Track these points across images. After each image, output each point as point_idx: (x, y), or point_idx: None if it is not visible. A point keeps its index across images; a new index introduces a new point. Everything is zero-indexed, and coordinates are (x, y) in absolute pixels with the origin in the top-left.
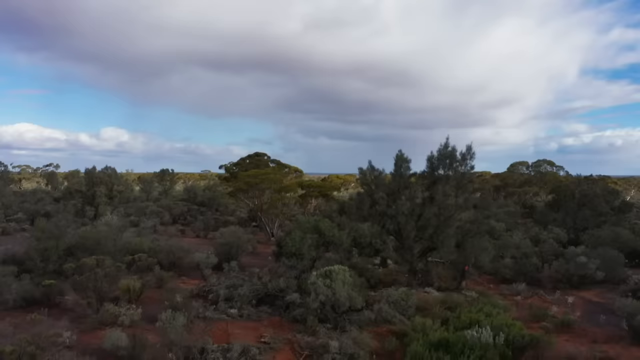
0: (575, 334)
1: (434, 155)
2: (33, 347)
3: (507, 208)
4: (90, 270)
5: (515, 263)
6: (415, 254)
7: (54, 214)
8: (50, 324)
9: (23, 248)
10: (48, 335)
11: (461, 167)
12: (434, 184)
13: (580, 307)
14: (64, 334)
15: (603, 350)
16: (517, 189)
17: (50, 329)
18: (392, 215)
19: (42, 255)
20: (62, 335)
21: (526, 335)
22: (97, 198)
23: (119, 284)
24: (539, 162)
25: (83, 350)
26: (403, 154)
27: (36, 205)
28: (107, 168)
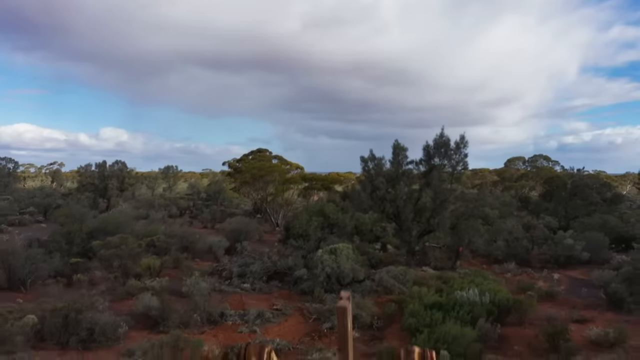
0: (557, 302)
1: (430, 145)
2: (78, 305)
3: (503, 199)
4: (116, 248)
5: (506, 246)
6: (414, 235)
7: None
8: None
9: (45, 234)
10: (90, 296)
11: (455, 156)
12: (431, 171)
13: (564, 282)
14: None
15: (580, 314)
16: (513, 184)
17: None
18: (392, 199)
19: (66, 238)
20: (97, 300)
21: (510, 299)
22: (109, 191)
23: (140, 262)
24: (535, 157)
25: (116, 313)
26: (400, 143)
27: (46, 200)
28: (117, 162)
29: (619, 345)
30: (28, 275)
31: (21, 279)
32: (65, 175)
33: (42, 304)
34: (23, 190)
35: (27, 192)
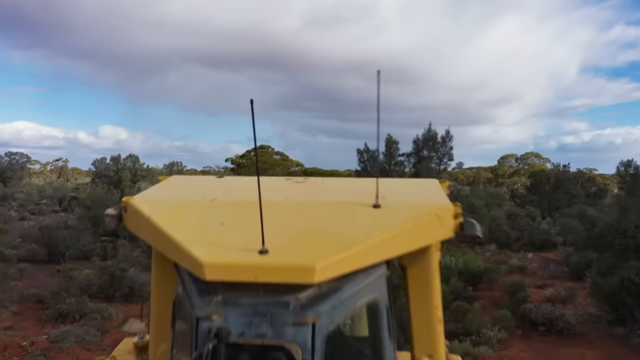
0: (526, 274)
1: (419, 138)
2: (122, 265)
3: (490, 192)
4: None
5: (489, 231)
6: None
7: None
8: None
9: (66, 221)
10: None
11: (442, 149)
12: (420, 162)
13: (537, 260)
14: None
15: (544, 282)
16: (506, 180)
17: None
18: None
19: (93, 220)
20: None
21: (482, 267)
22: (122, 182)
23: None
24: (527, 154)
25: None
26: (392, 137)
27: (56, 193)
28: (130, 156)
29: (568, 302)
30: (66, 250)
31: (61, 253)
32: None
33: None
34: (31, 185)
35: (37, 187)
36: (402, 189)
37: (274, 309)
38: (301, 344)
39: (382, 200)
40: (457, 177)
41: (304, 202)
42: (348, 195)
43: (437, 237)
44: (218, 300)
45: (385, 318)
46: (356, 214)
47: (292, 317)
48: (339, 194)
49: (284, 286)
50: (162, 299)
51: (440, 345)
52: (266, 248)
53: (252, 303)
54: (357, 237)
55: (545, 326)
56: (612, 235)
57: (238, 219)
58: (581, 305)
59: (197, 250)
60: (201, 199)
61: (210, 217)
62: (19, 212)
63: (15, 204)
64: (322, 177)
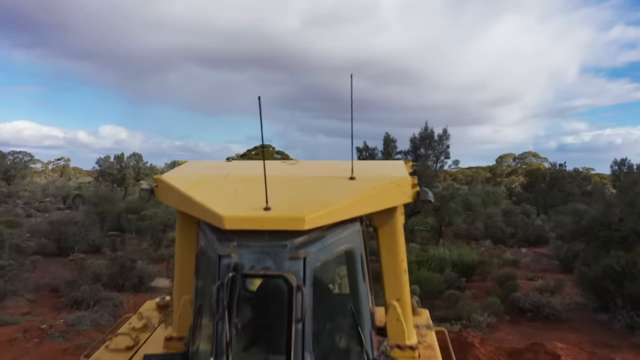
0: (519, 267)
1: (416, 137)
2: (132, 256)
3: (487, 190)
4: (150, 220)
5: (485, 227)
6: None
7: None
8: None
9: (71, 217)
10: (136, 251)
11: (439, 147)
12: (417, 159)
13: (530, 255)
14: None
15: (535, 274)
16: (504, 179)
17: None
18: None
19: (99, 216)
20: (141, 257)
21: (475, 259)
22: (126, 180)
23: (166, 234)
24: (525, 154)
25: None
26: (390, 136)
27: (60, 191)
28: (134, 154)
29: (557, 292)
30: (75, 244)
31: (70, 247)
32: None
33: (101, 258)
34: (34, 184)
35: (40, 185)
36: (374, 167)
37: (276, 249)
38: (295, 273)
39: (357, 174)
40: (456, 176)
41: (296, 176)
42: (330, 172)
43: (399, 201)
44: (234, 244)
45: (359, 264)
46: (336, 184)
47: (289, 254)
48: (324, 171)
49: (283, 233)
50: (185, 256)
51: (406, 291)
52: (269, 206)
53: (259, 245)
54: (336, 199)
55: (533, 312)
56: (598, 228)
57: (246, 188)
58: (569, 295)
59: (218, 208)
60: (216, 175)
61: (224, 187)
62: (25, 210)
63: (20, 201)
64: (310, 160)
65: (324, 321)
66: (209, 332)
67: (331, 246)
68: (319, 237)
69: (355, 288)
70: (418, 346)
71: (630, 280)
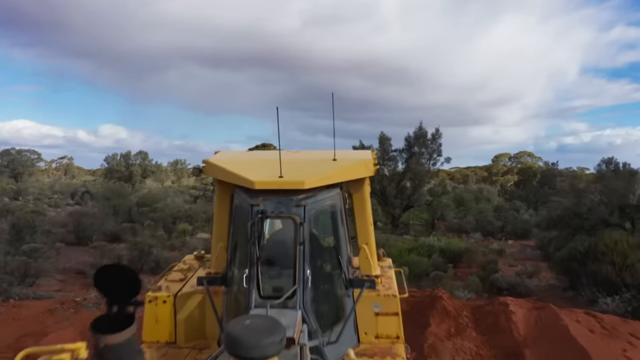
0: (504, 256)
1: (410, 136)
2: (150, 242)
3: (482, 187)
4: (162, 212)
5: (475, 221)
6: (397, 209)
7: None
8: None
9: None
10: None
11: (432, 145)
12: (411, 157)
13: (516, 246)
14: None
15: (518, 262)
16: (499, 178)
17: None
18: (379, 180)
19: (113, 209)
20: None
21: (462, 247)
22: (133, 177)
23: (176, 227)
24: (520, 153)
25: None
26: (385, 135)
27: (67, 189)
28: (140, 152)
29: (534, 276)
30: (92, 233)
31: (88, 237)
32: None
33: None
34: (40, 182)
35: (47, 182)
36: (350, 153)
37: (287, 201)
38: (299, 215)
39: (337, 157)
40: (454, 175)
41: (298, 158)
42: (320, 156)
43: (364, 174)
44: (261, 198)
45: (339, 214)
46: (324, 163)
47: (295, 204)
48: (316, 156)
49: (291, 191)
50: (221, 214)
51: (372, 238)
52: (282, 175)
53: (276, 199)
54: (323, 171)
55: (509, 291)
56: (570, 217)
57: (265, 165)
58: (545, 278)
59: (249, 176)
60: (243, 157)
61: (251, 164)
62: (37, 205)
63: (30, 197)
64: (308, 150)
65: (316, 248)
66: (242, 259)
67: (321, 201)
68: (313, 194)
69: (336, 229)
70: (380, 276)
71: (592, 260)
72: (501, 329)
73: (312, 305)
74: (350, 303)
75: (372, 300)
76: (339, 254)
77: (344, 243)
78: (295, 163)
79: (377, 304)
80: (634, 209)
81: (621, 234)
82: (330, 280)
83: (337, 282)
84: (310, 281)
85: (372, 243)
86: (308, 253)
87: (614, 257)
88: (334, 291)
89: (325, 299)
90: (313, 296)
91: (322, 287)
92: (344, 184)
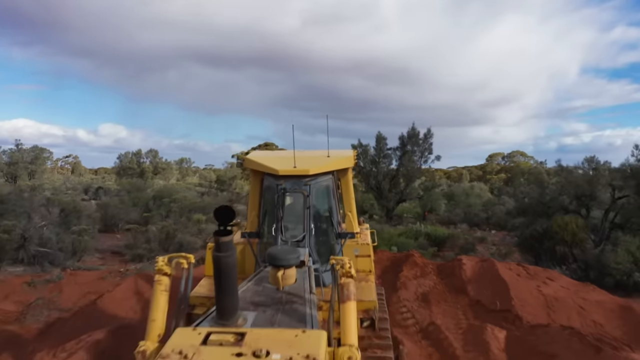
0: (485, 243)
1: (404, 135)
2: (175, 226)
3: (473, 184)
4: (180, 202)
5: (464, 213)
6: (391, 202)
7: (129, 179)
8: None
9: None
10: (176, 222)
11: (423, 144)
12: (404, 155)
13: (498, 235)
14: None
15: (497, 248)
16: (493, 176)
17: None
18: (374, 175)
19: (133, 201)
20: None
21: (446, 233)
22: (145, 173)
23: (193, 215)
24: (513, 153)
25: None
26: (381, 134)
27: (80, 185)
28: (151, 151)
29: (507, 257)
30: (118, 221)
31: (115, 224)
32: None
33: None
34: (50, 179)
35: (59, 180)
36: (339, 152)
37: (298, 182)
38: (306, 190)
39: (330, 155)
40: (450, 174)
41: (304, 155)
42: (319, 154)
43: (348, 165)
44: (282, 180)
45: (331, 191)
46: (321, 158)
47: (303, 183)
48: (316, 154)
49: (301, 176)
50: (254, 192)
51: (354, 209)
52: (295, 166)
53: (292, 180)
54: (321, 163)
55: None
56: (535, 205)
57: (283, 160)
58: (516, 258)
59: (275, 166)
60: (268, 155)
61: (274, 160)
62: (71, 196)
63: (47, 193)
64: (310, 149)
65: (317, 212)
66: (269, 220)
67: (320, 182)
68: (314, 178)
69: (330, 201)
70: (359, 233)
71: (548, 239)
72: (454, 274)
73: (315, 247)
74: (339, 248)
75: (353, 247)
76: (331, 217)
77: (335, 210)
78: (303, 158)
79: (357, 249)
80: (588, 198)
81: (572, 217)
82: (326, 233)
83: (330, 234)
84: (313, 232)
85: (354, 211)
86: (311, 215)
87: (564, 235)
88: (328, 239)
89: (322, 243)
90: (315, 241)
91: (321, 236)
92: (335, 172)
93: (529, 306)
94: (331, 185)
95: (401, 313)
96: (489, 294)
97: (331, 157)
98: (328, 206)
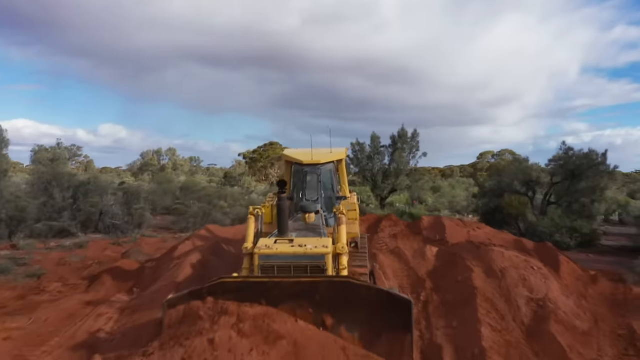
0: None
1: (395, 135)
2: (206, 209)
3: (460, 179)
4: (205, 190)
5: (449, 203)
6: (384, 192)
7: (158, 174)
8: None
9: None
10: (209, 204)
11: (411, 142)
12: (395, 152)
13: (476, 219)
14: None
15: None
16: (483, 173)
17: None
18: (370, 169)
19: (163, 192)
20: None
21: (427, 214)
22: (165, 170)
23: (215, 202)
24: (502, 151)
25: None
26: (376, 134)
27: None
28: (170, 149)
29: None
30: (156, 207)
31: (154, 209)
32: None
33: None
34: None
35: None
36: (337, 150)
37: (314, 167)
38: (319, 173)
39: (332, 151)
40: (445, 172)
41: (317, 151)
42: (325, 151)
43: (343, 157)
44: (306, 166)
45: (333, 174)
46: (326, 153)
47: (317, 168)
48: (323, 150)
49: (316, 164)
50: (287, 173)
51: (346, 183)
52: (312, 158)
53: (311, 166)
54: (327, 156)
55: None
56: (495, 188)
57: (305, 154)
58: None
59: (301, 159)
60: (296, 151)
61: (299, 154)
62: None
63: None
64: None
65: (324, 186)
66: (297, 191)
67: (326, 167)
68: (323, 165)
69: (332, 179)
70: (349, 198)
71: (499, 213)
72: (416, 225)
73: (324, 204)
74: (337, 204)
75: (346, 204)
76: (333, 187)
77: (335, 185)
78: (316, 154)
79: (348, 206)
80: (534, 183)
81: (517, 197)
82: (330, 196)
83: (332, 197)
84: (323, 196)
85: (346, 184)
86: (322, 187)
87: (510, 210)
88: (331, 200)
89: (328, 203)
90: (323, 202)
91: (327, 198)
92: (335, 161)
93: (456, 239)
94: (333, 170)
95: (379, 244)
96: (434, 233)
97: (332, 152)
98: (331, 181)
